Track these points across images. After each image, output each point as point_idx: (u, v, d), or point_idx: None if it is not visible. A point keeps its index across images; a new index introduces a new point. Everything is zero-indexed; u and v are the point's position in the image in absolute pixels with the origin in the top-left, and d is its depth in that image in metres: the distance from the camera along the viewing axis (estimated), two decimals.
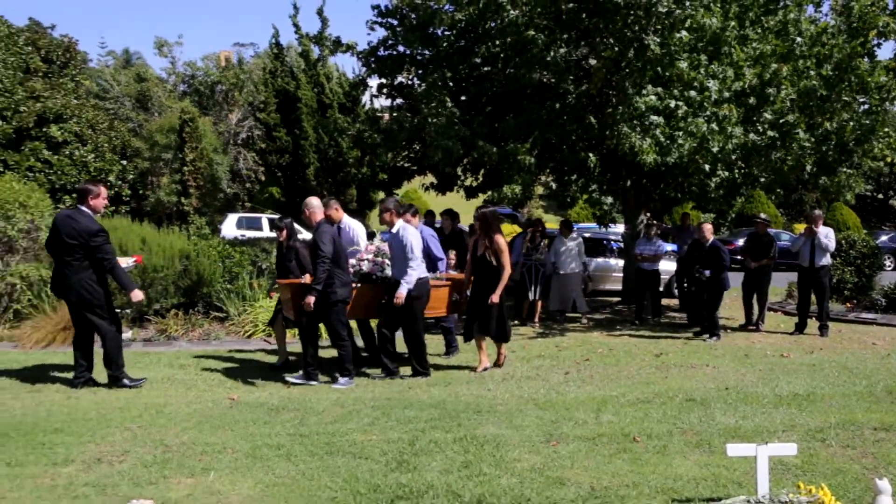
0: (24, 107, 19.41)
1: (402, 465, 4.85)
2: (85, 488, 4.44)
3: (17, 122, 19.26)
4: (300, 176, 21.68)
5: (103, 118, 22.17)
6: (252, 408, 6.39)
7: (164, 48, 33.17)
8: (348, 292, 7.61)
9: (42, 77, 21.27)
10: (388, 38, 13.56)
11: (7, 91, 19.35)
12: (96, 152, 20.61)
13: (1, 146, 19.16)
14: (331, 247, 7.33)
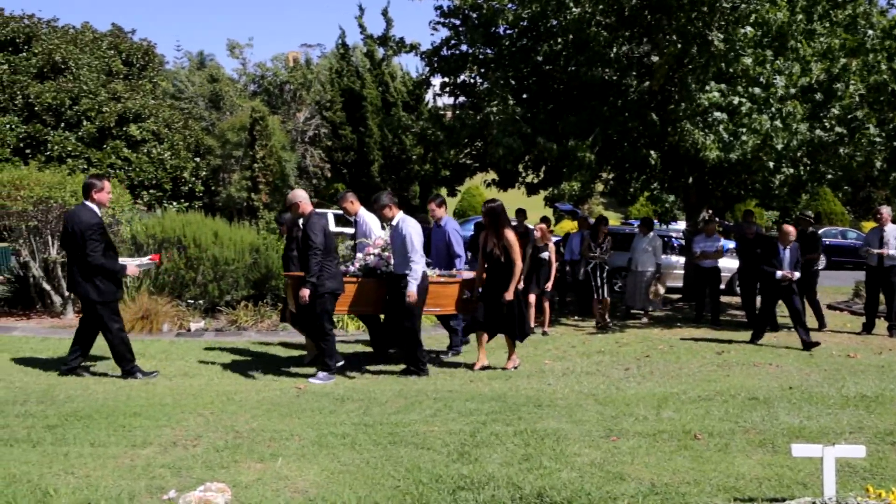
0: (106, 107, 20.09)
1: (463, 456, 4.85)
2: (161, 469, 4.56)
3: (99, 122, 19.96)
4: (365, 173, 21.92)
5: (178, 117, 22.79)
6: (318, 397, 6.48)
7: (236, 50, 33.84)
8: (337, 284, 7.40)
9: (123, 79, 21.97)
10: (451, 37, 13.59)
11: (91, 93, 20.06)
12: (172, 150, 21.21)
13: (85, 145, 19.87)
14: (322, 238, 7.18)
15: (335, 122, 23.45)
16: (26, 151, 19.31)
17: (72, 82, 20.01)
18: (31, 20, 21.51)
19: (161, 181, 20.72)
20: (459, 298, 8.18)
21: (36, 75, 20.14)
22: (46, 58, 20.30)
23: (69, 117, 19.87)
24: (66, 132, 19.74)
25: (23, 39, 20.63)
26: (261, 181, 22.11)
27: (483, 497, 4.13)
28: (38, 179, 10.63)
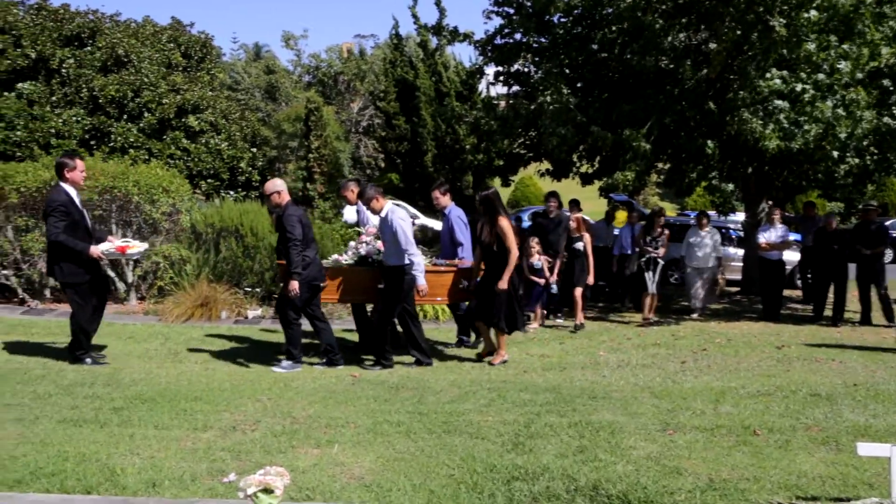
0: (166, 99, 20.50)
1: (517, 446, 4.85)
2: (222, 453, 4.67)
3: (160, 114, 20.38)
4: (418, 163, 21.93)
5: (235, 108, 23.13)
6: (373, 385, 6.54)
7: (291, 41, 34.23)
8: (315, 273, 7.37)
9: (182, 71, 22.38)
10: (505, 26, 13.49)
11: (152, 85, 20.49)
12: (229, 141, 21.55)
13: (146, 136, 20.33)
14: (300, 229, 7.16)
15: (389, 112, 23.50)
16: (91, 143, 19.85)
17: (134, 75, 20.47)
18: (96, 15, 22.04)
19: (219, 171, 21.09)
20: (454, 288, 8.01)
21: (100, 69, 20.65)
22: (110, 52, 20.80)
23: (131, 109, 20.34)
24: (129, 124, 20.20)
25: (87, 34, 21.17)
26: (316, 171, 22.34)
27: (538, 488, 4.12)
28: (103, 170, 10.93)
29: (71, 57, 20.32)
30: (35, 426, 5.17)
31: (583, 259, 10.53)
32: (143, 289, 10.99)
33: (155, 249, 10.77)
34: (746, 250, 14.24)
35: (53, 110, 19.59)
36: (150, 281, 10.88)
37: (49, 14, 20.95)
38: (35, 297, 10.61)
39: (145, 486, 4.10)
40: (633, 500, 3.98)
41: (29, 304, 10.44)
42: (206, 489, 4.09)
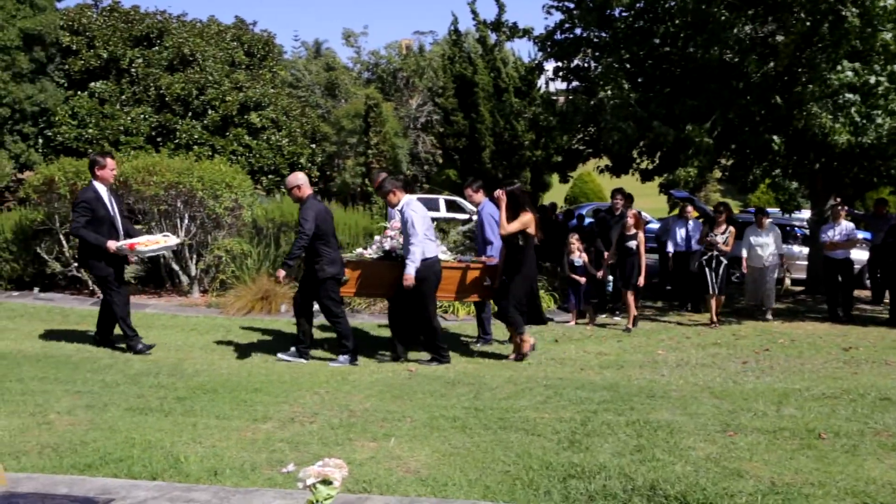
0: (229, 97, 20.95)
1: (573, 444, 4.81)
2: (280, 444, 4.75)
3: (223, 111, 20.84)
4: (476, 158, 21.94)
5: (296, 105, 23.50)
6: (429, 380, 6.57)
7: (351, 38, 34.59)
8: (337, 269, 7.35)
9: (245, 69, 22.83)
10: (565, 21, 13.37)
11: (216, 83, 20.97)
12: (290, 137, 21.92)
13: (210, 132, 20.82)
14: (312, 224, 7.10)
15: (447, 108, 23.56)
16: (157, 139, 20.43)
17: (198, 73, 20.97)
18: (164, 16, 22.64)
19: (279, 167, 21.46)
20: (478, 285, 7.93)
21: (167, 68, 21.21)
22: (176, 51, 21.34)
23: (196, 107, 20.84)
24: (193, 121, 20.72)
25: (156, 35, 21.76)
26: (374, 167, 22.57)
27: (594, 486, 4.08)
28: (169, 165, 11.22)
29: (140, 57, 20.92)
30: (104, 413, 5.35)
31: (634, 258, 9.96)
32: (205, 282, 11.27)
33: (217, 244, 11.02)
34: (811, 249, 13.84)
35: (123, 108, 20.21)
36: (213, 274, 11.15)
37: (120, 16, 21.61)
38: None
39: (207, 474, 4.21)
40: (691, 501, 3.91)
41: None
42: (266, 479, 4.17)
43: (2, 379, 6.28)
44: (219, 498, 3.82)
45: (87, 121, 19.58)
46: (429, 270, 7.31)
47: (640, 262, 9.93)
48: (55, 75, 20.44)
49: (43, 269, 11.25)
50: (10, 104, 18.68)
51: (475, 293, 8.07)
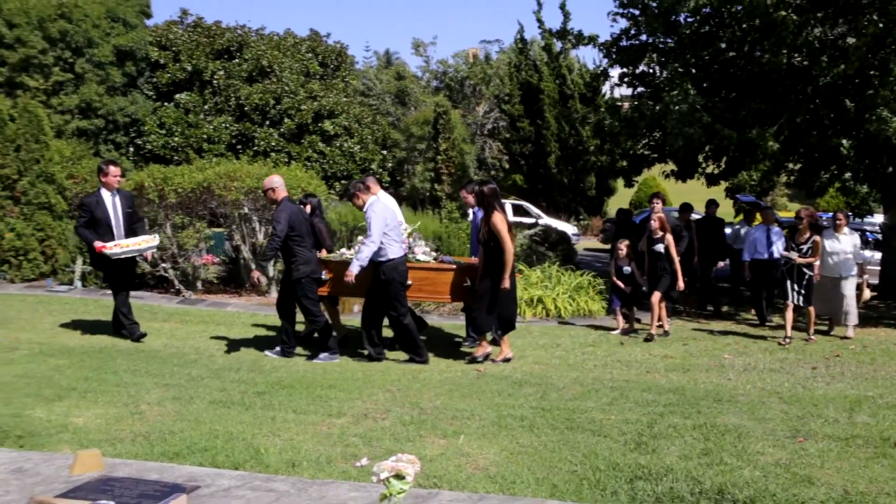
0: (304, 106, 21.38)
1: (640, 446, 4.74)
2: (354, 438, 4.82)
3: (298, 119, 21.28)
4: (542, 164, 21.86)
5: (367, 113, 23.82)
6: (497, 380, 6.56)
7: (420, 48, 34.80)
8: (312, 268, 7.33)
9: (318, 79, 23.27)
10: (630, 28, 13.19)
11: (292, 93, 21.43)
12: (361, 144, 22.22)
13: (286, 140, 21.28)
14: (285, 226, 7.11)
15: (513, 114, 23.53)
16: (237, 147, 20.99)
17: (275, 84, 21.47)
18: (243, 30, 23.26)
19: (351, 172, 21.78)
20: (458, 286, 7.70)
21: (246, 79, 21.78)
22: (255, 63, 21.89)
23: (273, 115, 21.34)
24: (270, 129, 21.22)
25: (236, 48, 22.37)
26: (443, 172, 22.69)
27: (661, 488, 4.01)
28: (248, 171, 11.50)
29: (221, 69, 21.54)
30: (190, 405, 5.53)
31: (664, 262, 9.11)
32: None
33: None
34: (884, 254, 13.27)
35: (205, 118, 20.84)
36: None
37: (203, 31, 22.29)
38: (189, 288, 11.31)
39: (286, 466, 4.30)
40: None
41: (183, 295, 11.14)
42: (340, 472, 4.23)
43: (98, 371, 6.55)
44: (297, 489, 3.90)
45: (174, 130, 20.26)
46: (393, 271, 7.21)
47: (674, 267, 9.10)
48: (144, 88, 21.22)
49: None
50: (105, 115, 19.46)
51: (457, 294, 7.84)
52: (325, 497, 3.79)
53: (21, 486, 3.90)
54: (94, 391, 5.88)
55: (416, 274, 7.65)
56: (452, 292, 7.75)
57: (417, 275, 7.66)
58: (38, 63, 18.64)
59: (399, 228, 7.54)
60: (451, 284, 7.68)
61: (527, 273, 10.80)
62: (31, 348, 7.57)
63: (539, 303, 10.20)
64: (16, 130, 12.63)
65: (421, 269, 7.71)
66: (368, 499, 3.73)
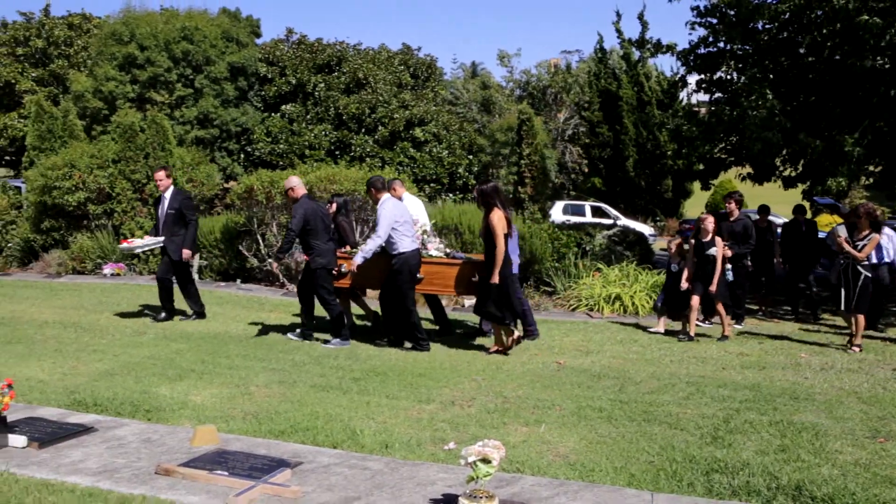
0: (396, 114, 21.63)
1: (716, 440, 4.58)
2: (442, 424, 4.85)
3: (391, 127, 21.55)
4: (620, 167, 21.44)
5: (455, 121, 23.88)
6: (576, 373, 6.48)
7: (505, 59, 34.68)
8: (327, 260, 7.47)
9: (410, 90, 23.50)
10: (708, 36, 12.75)
11: (385, 103, 21.72)
12: (449, 149, 22.31)
13: (379, 146, 21.59)
14: (299, 221, 7.33)
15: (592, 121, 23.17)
16: (336, 153, 21.44)
17: (371, 95, 21.81)
18: (342, 45, 23.73)
19: (440, 176, 21.91)
20: (466, 281, 7.58)
21: (344, 90, 22.21)
22: (352, 76, 22.31)
23: (368, 124, 21.69)
24: (366, 136, 21.57)
25: (335, 62, 22.85)
26: (526, 176, 22.58)
27: (738, 482, 3.87)
28: (346, 175, 11.75)
29: (322, 82, 22.04)
30: (293, 388, 5.69)
31: (712, 267, 8.32)
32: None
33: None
34: None
35: (307, 126, 21.39)
36: None
37: (306, 47, 22.88)
38: (292, 282, 11.64)
39: (380, 447, 4.37)
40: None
41: (287, 287, 11.47)
42: (429, 454, 4.27)
43: (213, 355, 6.83)
44: (390, 468, 3.96)
45: (279, 138, 20.89)
46: (404, 264, 7.24)
47: (716, 269, 8.31)
48: (254, 100, 21.96)
49: (244, 263, 12.11)
50: (220, 125, 20.26)
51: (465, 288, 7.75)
52: (416, 477, 3.84)
53: (150, 454, 4.11)
54: (210, 373, 6.14)
55: (428, 268, 7.69)
56: (461, 286, 7.73)
57: (429, 269, 7.70)
58: (164, 80, 19.59)
59: (410, 224, 7.53)
60: (459, 278, 7.67)
61: (606, 271, 10.62)
62: (157, 333, 7.97)
63: (617, 300, 10.01)
64: (145, 140, 13.32)
65: (432, 264, 7.74)
66: (456, 480, 3.76)
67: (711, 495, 3.76)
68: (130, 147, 13.23)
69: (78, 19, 27.24)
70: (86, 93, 19.54)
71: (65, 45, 26.15)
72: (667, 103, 22.29)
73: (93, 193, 13.22)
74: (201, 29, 19.87)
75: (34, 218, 13.75)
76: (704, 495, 3.75)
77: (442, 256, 7.89)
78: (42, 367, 6.27)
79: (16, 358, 6.64)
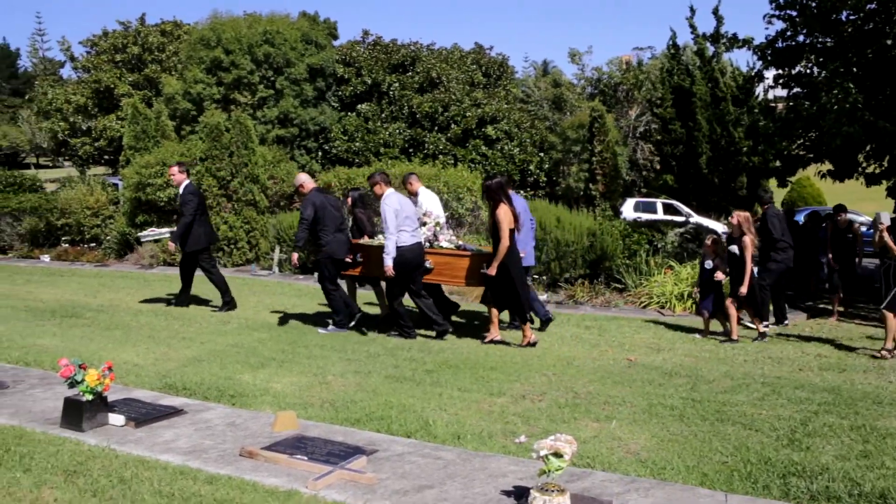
0: (469, 113, 21.66)
1: (793, 443, 4.40)
2: (513, 417, 4.84)
3: (463, 125, 21.60)
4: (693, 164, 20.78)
5: (526, 119, 23.74)
6: (647, 370, 6.34)
7: (576, 57, 34.18)
8: (332, 251, 7.71)
9: (482, 88, 23.48)
10: (787, 29, 12.22)
11: (458, 101, 21.78)
12: (520, 147, 22.21)
13: (452, 144, 21.66)
14: (309, 212, 7.63)
15: (665, 117, 22.50)
16: (409, 150, 21.64)
17: (443, 93, 21.91)
18: (416, 46, 23.91)
19: (511, 173, 21.82)
20: (474, 272, 7.50)
21: (417, 90, 22.39)
22: (425, 75, 22.46)
23: (441, 122, 21.80)
24: (439, 134, 21.69)
25: (409, 62, 23.05)
26: (598, 173, 22.23)
27: (816, 487, 3.71)
28: (420, 172, 11.82)
29: (396, 81, 22.28)
30: (368, 378, 5.78)
31: (740, 264, 7.83)
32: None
33: (458, 241, 11.42)
34: None
35: (382, 125, 21.66)
36: None
37: (381, 48, 23.16)
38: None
39: (451, 437, 4.39)
40: None
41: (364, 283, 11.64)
42: (500, 446, 4.27)
43: (293, 345, 7.01)
44: (462, 459, 3.98)
45: (355, 136, 21.24)
46: (399, 258, 7.29)
47: (745, 269, 7.78)
48: (331, 100, 22.39)
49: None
50: (299, 125, 20.74)
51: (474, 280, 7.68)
52: (487, 468, 3.84)
53: (234, 438, 4.25)
54: (290, 362, 6.31)
55: (437, 259, 7.76)
56: (469, 277, 7.70)
57: (438, 260, 7.76)
58: (247, 82, 20.19)
59: (413, 218, 7.56)
60: (467, 270, 7.66)
61: (678, 269, 10.34)
62: (240, 322, 8.24)
63: (689, 298, 9.74)
64: (229, 139, 13.77)
65: (442, 255, 7.79)
66: (526, 473, 3.74)
67: (788, 499, 3.61)
68: (216, 146, 13.71)
69: (170, 26, 28.41)
70: (176, 95, 20.36)
71: (158, 51, 27.32)
72: (742, 99, 21.47)
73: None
74: (282, 32, 20.38)
75: (129, 213, 14.44)
76: (781, 498, 3.62)
77: (452, 248, 7.97)
78: (137, 352, 6.57)
79: (114, 343, 6.99)
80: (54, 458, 3.85)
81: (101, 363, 4.55)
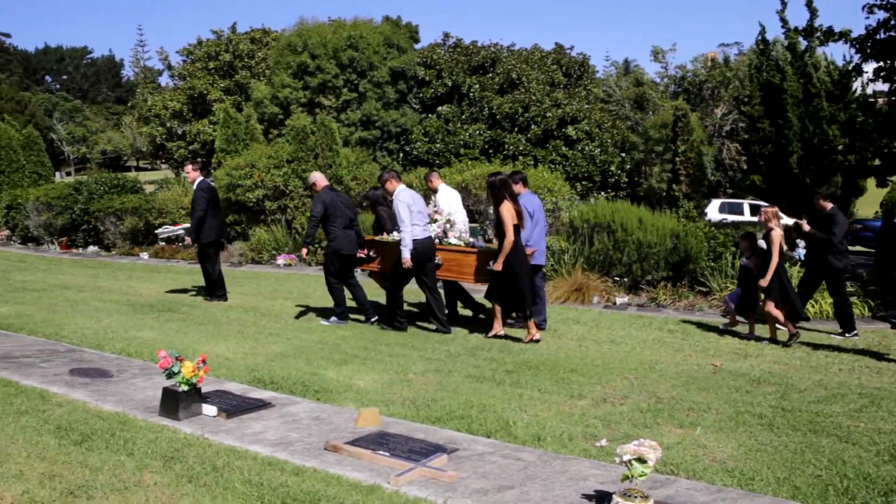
0: (549, 113, 21.48)
1: (895, 458, 4.15)
2: (594, 420, 4.76)
3: (544, 126, 21.43)
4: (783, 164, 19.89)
5: (607, 119, 23.34)
6: (734, 376, 6.11)
7: (659, 55, 33.37)
8: (338, 246, 7.92)
9: (562, 88, 23.23)
10: (889, 19, 11.54)
11: (538, 102, 21.63)
12: (601, 147, 21.84)
13: (532, 144, 21.53)
14: (320, 209, 7.88)
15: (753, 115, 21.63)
16: (489, 151, 21.65)
17: (523, 94, 21.80)
18: (496, 47, 23.90)
19: (591, 174, 21.51)
20: (481, 268, 7.54)
21: (498, 91, 22.37)
22: (505, 76, 22.41)
23: (521, 123, 21.71)
24: (519, 135, 21.61)
25: (489, 63, 23.07)
26: (681, 173, 21.63)
27: None
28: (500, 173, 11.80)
29: (476, 83, 22.33)
30: (449, 378, 5.81)
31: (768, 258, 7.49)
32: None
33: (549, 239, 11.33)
34: None
35: (462, 126, 21.75)
36: None
37: (462, 50, 23.27)
38: None
39: (532, 439, 4.36)
40: None
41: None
42: (581, 449, 4.21)
43: (375, 343, 7.14)
44: (542, 460, 3.94)
45: (436, 137, 21.42)
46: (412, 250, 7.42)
47: (768, 263, 7.46)
48: (412, 102, 22.65)
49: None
50: (381, 127, 21.10)
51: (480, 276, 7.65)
52: (568, 471, 3.79)
53: (319, 432, 4.36)
54: (372, 359, 6.42)
55: (445, 255, 7.85)
56: (477, 273, 7.70)
57: (446, 256, 7.85)
58: (332, 86, 20.69)
59: (423, 214, 7.66)
60: (475, 266, 7.70)
61: None
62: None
63: None
64: (315, 141, 14.14)
65: (449, 251, 7.87)
66: (608, 477, 3.67)
67: None
68: (302, 148, 14.10)
69: (259, 34, 29.45)
70: (264, 99, 21.08)
71: (247, 58, 28.37)
72: (837, 95, 20.38)
73: (269, 191, 14.24)
74: (365, 37, 20.77)
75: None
76: None
77: (460, 244, 7.98)
78: (227, 347, 6.84)
79: (207, 337, 7.30)
80: (154, 444, 4.05)
81: (196, 356, 4.75)
